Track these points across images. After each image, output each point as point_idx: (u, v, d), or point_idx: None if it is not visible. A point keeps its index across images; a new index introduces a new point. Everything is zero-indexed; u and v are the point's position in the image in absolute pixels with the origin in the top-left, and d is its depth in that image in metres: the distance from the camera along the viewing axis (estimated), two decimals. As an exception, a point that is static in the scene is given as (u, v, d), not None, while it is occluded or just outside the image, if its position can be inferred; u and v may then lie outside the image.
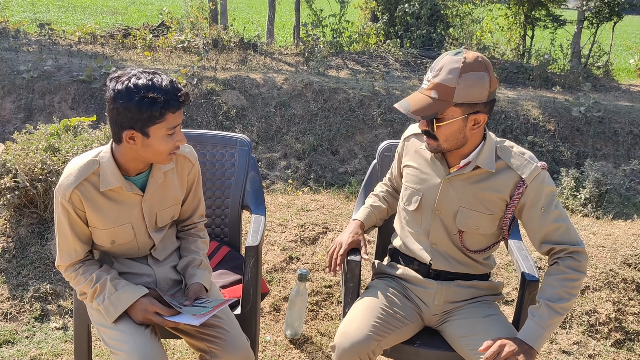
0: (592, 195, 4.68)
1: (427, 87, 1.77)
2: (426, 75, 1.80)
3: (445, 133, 1.78)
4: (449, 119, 1.75)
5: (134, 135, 1.69)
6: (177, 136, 1.74)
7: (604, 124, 5.88)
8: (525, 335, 1.76)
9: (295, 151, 5.34)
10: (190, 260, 1.97)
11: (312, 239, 3.51)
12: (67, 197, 1.74)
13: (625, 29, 18.83)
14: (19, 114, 5.40)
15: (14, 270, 3.09)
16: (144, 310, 1.77)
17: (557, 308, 1.77)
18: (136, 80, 1.64)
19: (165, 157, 1.76)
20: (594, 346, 2.87)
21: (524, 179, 1.80)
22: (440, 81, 1.73)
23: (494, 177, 1.84)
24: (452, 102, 1.72)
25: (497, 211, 1.87)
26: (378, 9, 9.26)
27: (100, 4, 16.02)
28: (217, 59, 6.93)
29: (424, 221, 1.95)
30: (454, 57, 1.73)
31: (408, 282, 2.02)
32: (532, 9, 8.62)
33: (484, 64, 1.73)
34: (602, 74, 8.46)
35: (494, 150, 1.85)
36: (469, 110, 1.74)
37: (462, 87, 1.71)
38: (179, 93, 1.68)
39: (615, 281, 3.20)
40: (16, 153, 3.25)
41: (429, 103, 1.74)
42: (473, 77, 1.71)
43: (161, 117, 1.66)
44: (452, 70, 1.71)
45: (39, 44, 7.08)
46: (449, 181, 1.88)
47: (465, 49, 1.78)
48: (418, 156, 1.98)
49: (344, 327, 1.89)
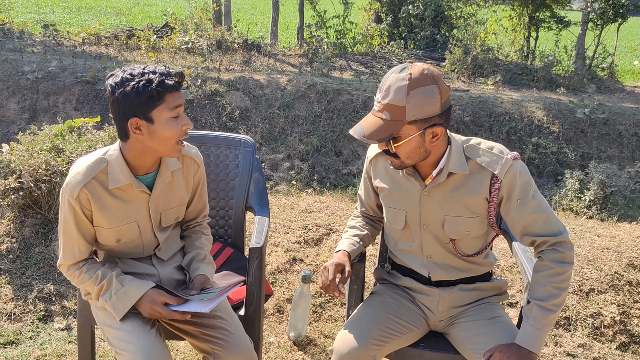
0: (596, 197, 4.67)
1: (378, 109, 1.72)
2: (376, 96, 1.76)
3: (405, 151, 1.74)
4: (405, 137, 1.71)
5: (139, 124, 1.69)
6: (182, 120, 1.74)
7: (608, 126, 5.86)
8: (523, 339, 1.74)
9: (299, 152, 5.34)
10: (194, 255, 1.98)
11: (316, 240, 3.51)
12: (74, 196, 1.74)
13: (629, 30, 18.78)
14: (24, 114, 5.42)
15: (18, 270, 3.09)
16: (152, 301, 1.75)
17: (549, 306, 1.75)
18: (130, 70, 1.69)
19: (173, 146, 1.75)
20: (598, 349, 2.86)
21: (497, 175, 1.77)
22: (390, 102, 1.68)
23: (469, 180, 1.81)
24: (405, 120, 1.68)
25: (482, 212, 1.84)
26: (382, 10, 9.27)
27: (105, 5, 16.06)
28: (221, 60, 6.94)
29: (415, 237, 1.93)
30: (399, 75, 1.68)
31: (411, 291, 2.02)
32: (537, 11, 8.61)
33: (430, 77, 1.67)
34: (607, 75, 8.44)
35: (462, 151, 1.81)
36: (424, 125, 1.69)
37: (412, 105, 1.66)
38: (173, 73, 1.71)
39: (620, 284, 3.19)
40: (20, 154, 3.25)
41: (381, 125, 1.70)
42: (421, 92, 1.66)
43: (160, 97, 1.67)
44: (399, 89, 1.66)
45: (43, 44, 7.11)
46: (427, 194, 1.85)
47: (410, 62, 1.72)
48: (389, 175, 1.93)
49: (343, 332, 1.88)
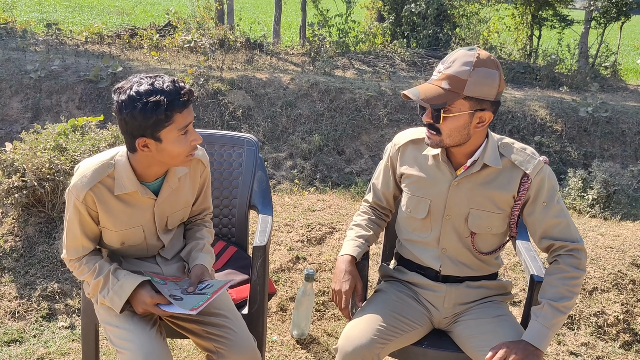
0: (599, 196, 4.65)
1: (437, 78, 1.76)
2: (437, 67, 1.79)
3: (450, 127, 1.76)
4: (456, 112, 1.74)
5: (147, 142, 1.68)
6: (191, 136, 1.72)
7: (611, 125, 5.85)
8: (531, 336, 1.76)
9: (302, 151, 5.34)
10: (193, 245, 1.99)
11: (319, 239, 3.51)
12: (80, 198, 1.74)
13: (633, 29, 18.72)
14: (26, 113, 5.42)
15: (22, 269, 3.10)
16: (144, 302, 1.77)
17: (560, 307, 1.78)
18: (137, 87, 1.63)
19: (183, 159, 1.75)
20: (602, 348, 2.86)
21: (528, 174, 1.81)
22: (453, 72, 1.72)
23: (500, 175, 1.84)
24: (462, 94, 1.72)
25: (506, 209, 1.87)
26: (384, 9, 9.25)
27: (107, 4, 16.07)
28: (224, 58, 6.94)
29: (434, 227, 1.93)
30: (468, 52, 1.74)
31: (416, 287, 2.02)
32: (539, 9, 8.58)
33: (495, 63, 1.74)
34: (610, 74, 8.41)
35: (497, 147, 1.86)
36: (476, 106, 1.74)
37: (474, 81, 1.71)
38: (182, 92, 1.65)
39: (624, 282, 3.18)
40: (24, 152, 3.26)
41: (439, 93, 1.73)
42: (485, 72, 1.71)
43: (168, 119, 1.64)
44: (466, 63, 1.71)
45: (46, 43, 7.11)
46: (457, 184, 1.87)
47: (477, 46, 1.78)
48: (418, 163, 1.95)
49: (348, 330, 1.88)
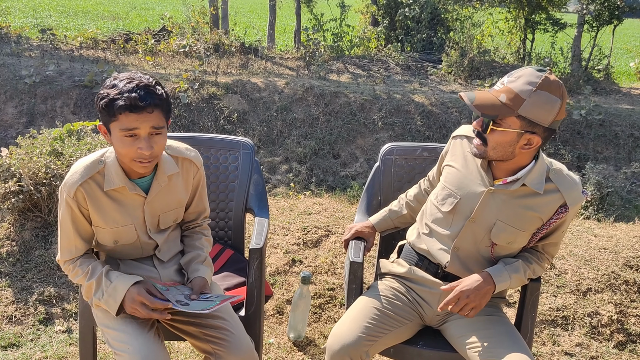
0: (593, 198, 4.69)
1: (498, 89, 1.75)
2: (501, 79, 1.78)
3: (496, 140, 1.75)
4: (505, 127, 1.72)
5: (104, 130, 1.74)
6: (140, 143, 1.68)
7: (604, 127, 5.89)
8: (492, 270, 1.85)
9: (297, 155, 5.36)
10: (194, 256, 1.98)
11: (315, 242, 3.52)
12: (71, 195, 1.76)
13: (625, 32, 18.87)
14: (21, 118, 5.43)
15: (19, 273, 3.10)
16: (132, 300, 1.76)
17: (527, 270, 1.89)
18: (119, 78, 1.69)
19: (128, 161, 1.74)
20: (596, 348, 2.88)
21: (568, 206, 1.81)
22: (514, 88, 1.70)
23: (539, 197, 1.82)
24: (516, 112, 1.69)
25: (531, 229, 1.87)
26: (379, 13, 9.30)
27: (102, 9, 16.08)
28: (219, 63, 6.96)
29: (455, 225, 1.92)
30: (536, 72, 1.70)
31: (412, 282, 2.02)
32: (533, 13, 8.64)
33: (560, 90, 1.70)
34: (603, 77, 8.48)
35: (545, 172, 1.83)
36: (527, 127, 1.71)
37: (532, 102, 1.68)
38: (134, 95, 1.62)
39: (617, 283, 3.21)
40: (20, 157, 3.26)
41: (494, 103, 1.73)
42: (546, 97, 1.68)
43: (111, 115, 1.66)
44: (530, 82, 1.69)
45: (40, 49, 7.12)
46: (492, 192, 1.85)
47: (549, 69, 1.75)
48: (464, 159, 1.93)
49: (335, 329, 1.89)
